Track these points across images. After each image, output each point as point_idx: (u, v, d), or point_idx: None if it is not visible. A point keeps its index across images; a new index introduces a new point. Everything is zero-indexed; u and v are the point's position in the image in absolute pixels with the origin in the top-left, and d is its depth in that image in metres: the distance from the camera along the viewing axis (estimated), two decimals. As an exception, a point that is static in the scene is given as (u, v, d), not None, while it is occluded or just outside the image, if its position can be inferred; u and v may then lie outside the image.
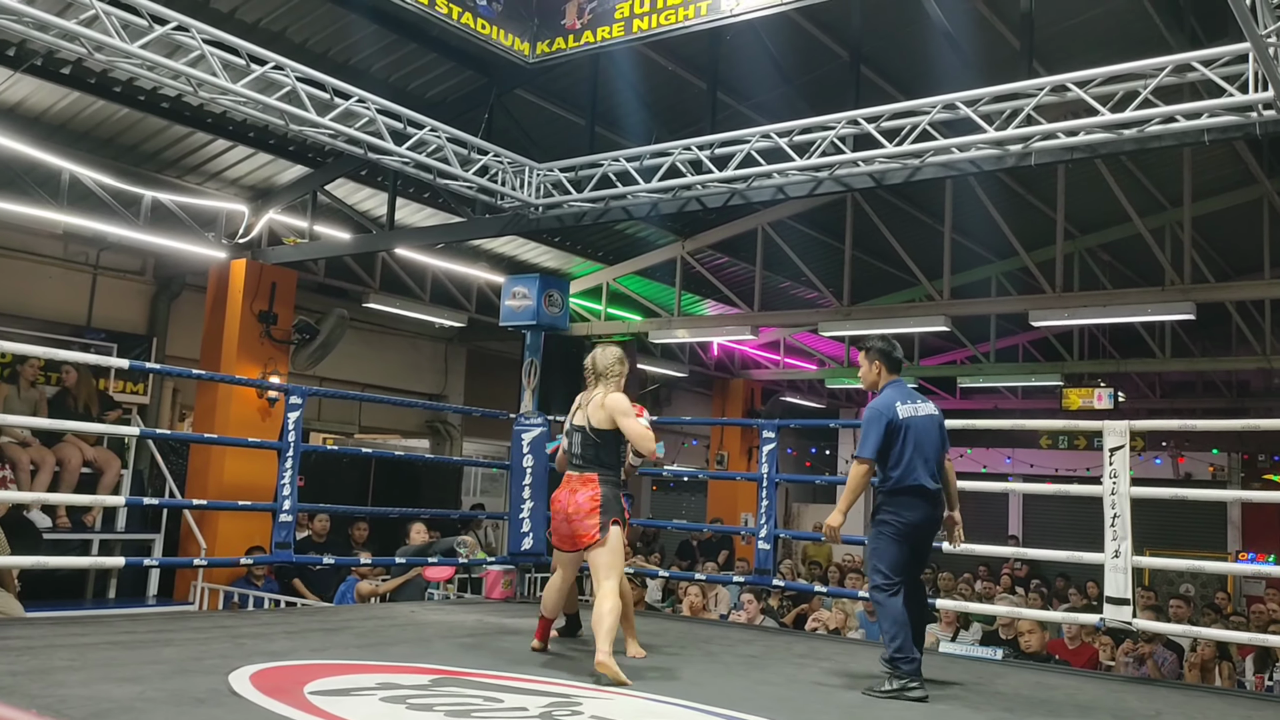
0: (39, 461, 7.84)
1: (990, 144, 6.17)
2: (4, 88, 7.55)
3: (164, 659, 4.01)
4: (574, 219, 8.22)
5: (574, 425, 4.71)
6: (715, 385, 16.50)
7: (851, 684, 4.44)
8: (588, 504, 4.49)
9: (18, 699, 3.15)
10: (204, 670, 3.78)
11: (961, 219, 10.94)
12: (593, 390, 4.75)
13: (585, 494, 4.51)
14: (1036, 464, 16.93)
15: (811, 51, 8.17)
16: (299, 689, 3.52)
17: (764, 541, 6.58)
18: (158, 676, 3.64)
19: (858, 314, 11.73)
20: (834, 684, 4.45)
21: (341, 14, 7.44)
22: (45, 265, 9.74)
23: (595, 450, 4.61)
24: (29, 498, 7.29)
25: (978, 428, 6.34)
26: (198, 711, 3.17)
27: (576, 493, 4.54)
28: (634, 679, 4.09)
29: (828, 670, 4.82)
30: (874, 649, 6.08)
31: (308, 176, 9.49)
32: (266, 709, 3.22)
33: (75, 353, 6.80)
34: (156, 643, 4.42)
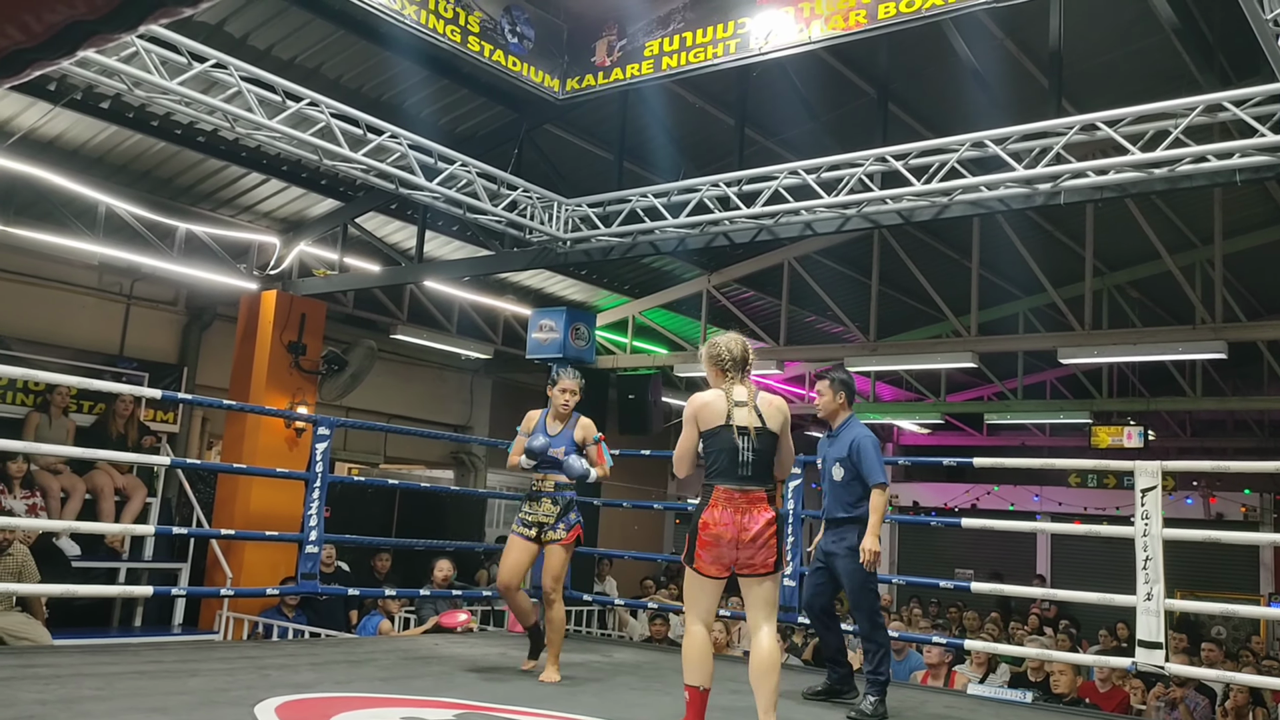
0: (70, 489, 7.92)
1: (1019, 182, 6.17)
2: (44, 121, 7.71)
3: (190, 689, 4.02)
4: (601, 253, 8.27)
5: (739, 426, 3.81)
6: (740, 419, 16.44)
7: (878, 726, 4.39)
8: (767, 529, 3.71)
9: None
10: (230, 701, 3.79)
11: (989, 255, 10.92)
12: (733, 384, 3.91)
13: (764, 517, 3.72)
14: (1065, 502, 16.72)
15: (839, 89, 8.21)
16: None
17: (789, 578, 6.53)
18: (184, 707, 3.65)
19: (884, 349, 11.69)
20: (861, 725, 4.39)
21: (375, 51, 7.57)
22: (80, 295, 9.88)
23: (766, 460, 3.85)
24: (58, 525, 7.36)
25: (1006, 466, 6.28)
26: (224, 744, 3.18)
27: (747, 513, 3.71)
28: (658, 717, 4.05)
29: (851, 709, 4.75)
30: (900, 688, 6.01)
31: (338, 210, 9.61)
32: (292, 742, 3.22)
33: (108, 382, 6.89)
34: (182, 673, 4.43)
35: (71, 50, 0.71)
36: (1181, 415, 16.11)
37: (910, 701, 5.18)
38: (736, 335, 4.03)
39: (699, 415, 3.87)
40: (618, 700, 4.55)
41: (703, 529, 3.71)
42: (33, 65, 0.71)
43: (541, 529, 4.98)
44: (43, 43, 0.67)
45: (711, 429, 3.83)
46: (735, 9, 6.90)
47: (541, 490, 5.01)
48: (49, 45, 0.68)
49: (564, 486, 5.00)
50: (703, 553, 3.72)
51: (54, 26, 0.65)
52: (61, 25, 0.65)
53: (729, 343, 3.96)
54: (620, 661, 5.99)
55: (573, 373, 5.10)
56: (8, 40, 0.67)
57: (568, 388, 5.02)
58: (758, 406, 3.86)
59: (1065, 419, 14.50)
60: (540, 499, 5.00)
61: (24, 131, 7.70)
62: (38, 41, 0.67)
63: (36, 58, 0.70)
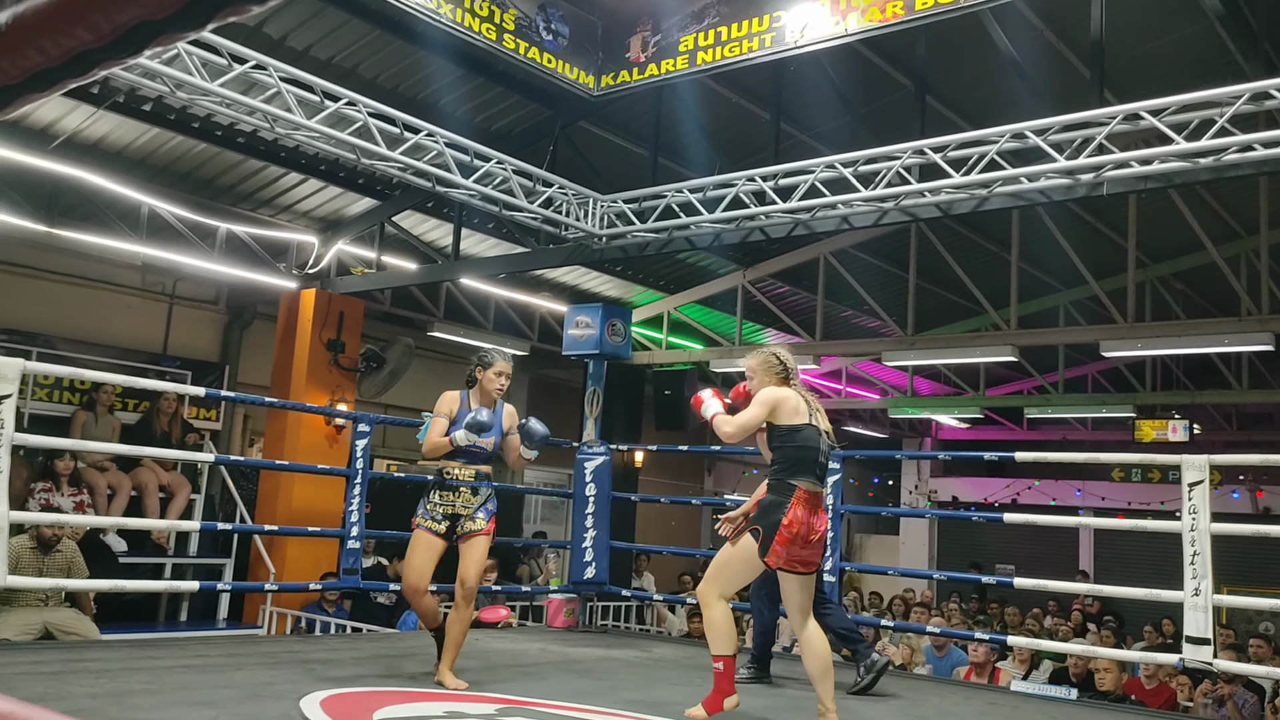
0: (116, 486, 8.06)
1: (1061, 173, 6.09)
2: (87, 124, 7.83)
3: (236, 683, 4.07)
4: (637, 249, 8.27)
5: (820, 428, 3.96)
6: (776, 414, 16.37)
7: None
8: (826, 531, 3.90)
9: None
10: (275, 695, 3.83)
11: (1029, 247, 10.79)
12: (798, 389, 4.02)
13: (826, 518, 3.90)
14: (1108, 497, 16.52)
15: (876, 82, 8.15)
16: (368, 716, 3.56)
17: (829, 574, 6.49)
18: (231, 701, 3.70)
19: (922, 343, 11.60)
20: (903, 722, 4.36)
21: (411, 50, 7.61)
22: (124, 295, 10.04)
23: (827, 462, 3.97)
24: (105, 522, 7.49)
25: (1049, 460, 6.21)
26: (271, 737, 3.22)
27: (815, 514, 3.83)
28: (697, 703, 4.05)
29: (896, 707, 4.73)
30: (943, 685, 5.97)
31: (376, 208, 9.69)
32: (337, 736, 3.26)
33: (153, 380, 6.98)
34: (228, 667, 4.49)
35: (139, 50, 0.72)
36: (1227, 408, 15.83)
37: (953, 698, 5.15)
38: (784, 347, 4.21)
39: (778, 405, 3.90)
40: (659, 695, 4.55)
41: (786, 528, 3.75)
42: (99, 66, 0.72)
43: (456, 521, 4.48)
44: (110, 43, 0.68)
45: (794, 425, 3.89)
46: (770, 2, 6.87)
47: (459, 479, 4.51)
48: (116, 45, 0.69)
49: (483, 476, 4.58)
50: (779, 549, 3.77)
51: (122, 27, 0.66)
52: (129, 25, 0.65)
53: (782, 352, 4.09)
54: (660, 656, 6.00)
55: (508, 355, 4.76)
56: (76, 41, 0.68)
57: (504, 371, 4.65)
58: (821, 413, 4.01)
59: (1108, 413, 14.30)
60: (457, 488, 4.50)
61: (68, 134, 7.83)
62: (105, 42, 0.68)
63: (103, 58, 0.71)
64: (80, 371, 5.86)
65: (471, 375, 4.71)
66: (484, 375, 4.65)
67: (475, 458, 4.55)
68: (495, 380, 4.65)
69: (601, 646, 6.21)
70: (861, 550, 18.25)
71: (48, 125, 7.77)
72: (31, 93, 0.75)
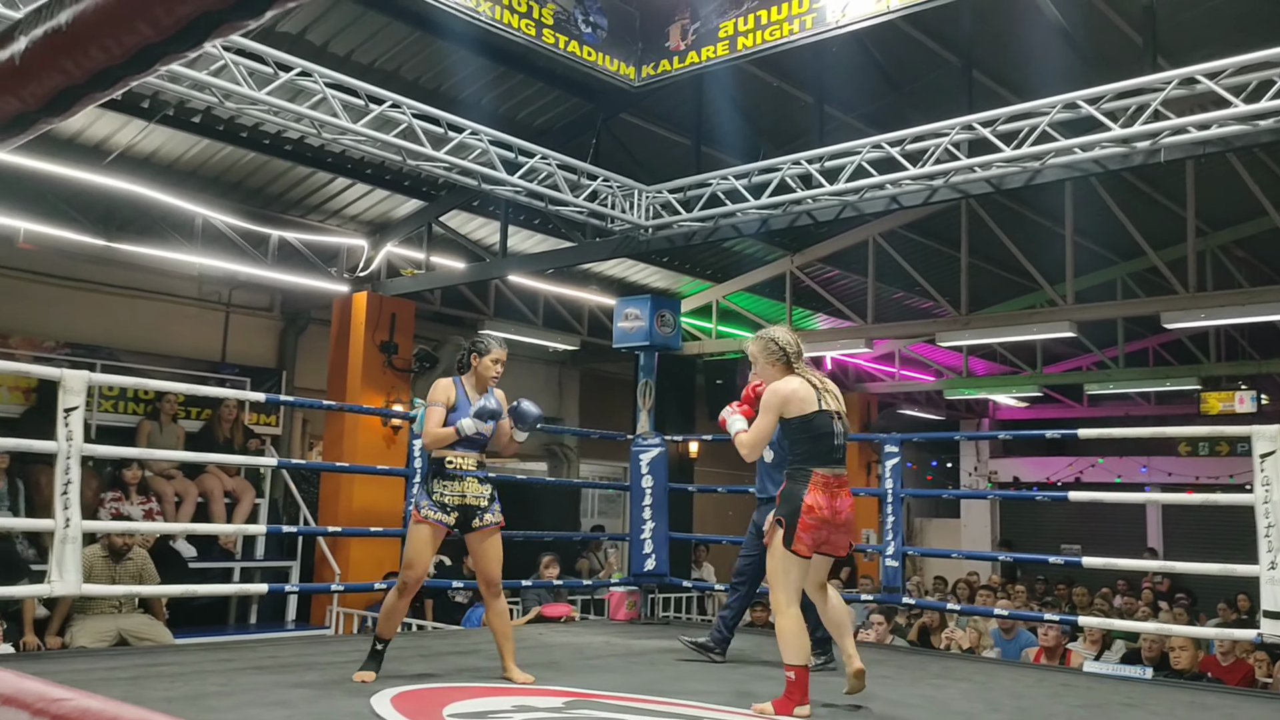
0: (183, 493, 8.22)
1: (1116, 142, 5.96)
2: (140, 139, 7.98)
3: (307, 683, 4.13)
4: (684, 239, 8.24)
5: (834, 411, 3.94)
6: (830, 400, 16.23)
7: (993, 706, 4.29)
8: (853, 513, 3.93)
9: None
10: (346, 693, 3.88)
11: (1084, 220, 10.56)
12: (805, 371, 4.00)
13: (850, 500, 3.91)
14: (1175, 472, 16.15)
15: (920, 59, 8.04)
16: (438, 712, 3.58)
17: (891, 558, 6.43)
18: (303, 700, 3.75)
19: (976, 323, 11.43)
20: (975, 706, 4.30)
21: (451, 50, 7.65)
22: (182, 305, 10.23)
23: (845, 443, 3.96)
24: (174, 528, 7.63)
25: (1114, 436, 6.08)
26: (344, 735, 3.25)
27: (838, 496, 3.84)
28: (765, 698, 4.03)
29: (966, 691, 4.67)
30: (1014, 668, 5.89)
31: (423, 209, 9.76)
32: (409, 732, 3.29)
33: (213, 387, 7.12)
34: (299, 667, 4.55)
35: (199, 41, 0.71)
36: (1296, 377, 15.41)
37: (1025, 680, 5.07)
38: (783, 327, 4.16)
39: (787, 404, 3.86)
40: (723, 684, 4.53)
41: (807, 513, 3.76)
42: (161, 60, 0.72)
43: (468, 513, 4.33)
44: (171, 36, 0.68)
45: (805, 415, 3.86)
46: (810, -17, 6.79)
47: (463, 468, 4.33)
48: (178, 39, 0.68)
49: (483, 464, 4.44)
50: (804, 535, 3.78)
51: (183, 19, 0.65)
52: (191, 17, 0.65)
53: (783, 335, 4.03)
54: (749, 649, 5.97)
55: (504, 342, 4.60)
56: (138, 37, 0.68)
57: (500, 358, 4.49)
58: (834, 393, 3.98)
59: (1171, 386, 13.98)
60: (463, 478, 4.32)
61: (121, 149, 7.98)
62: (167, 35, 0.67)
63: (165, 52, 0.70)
64: (143, 382, 5.98)
65: (466, 361, 4.51)
66: (480, 362, 4.47)
67: (474, 445, 4.39)
68: (492, 368, 4.47)
69: (665, 638, 6.20)
70: (922, 534, 18.05)
71: (101, 141, 7.93)
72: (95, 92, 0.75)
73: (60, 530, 4.50)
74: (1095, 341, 13.40)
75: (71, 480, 4.59)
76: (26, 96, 0.74)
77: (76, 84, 0.72)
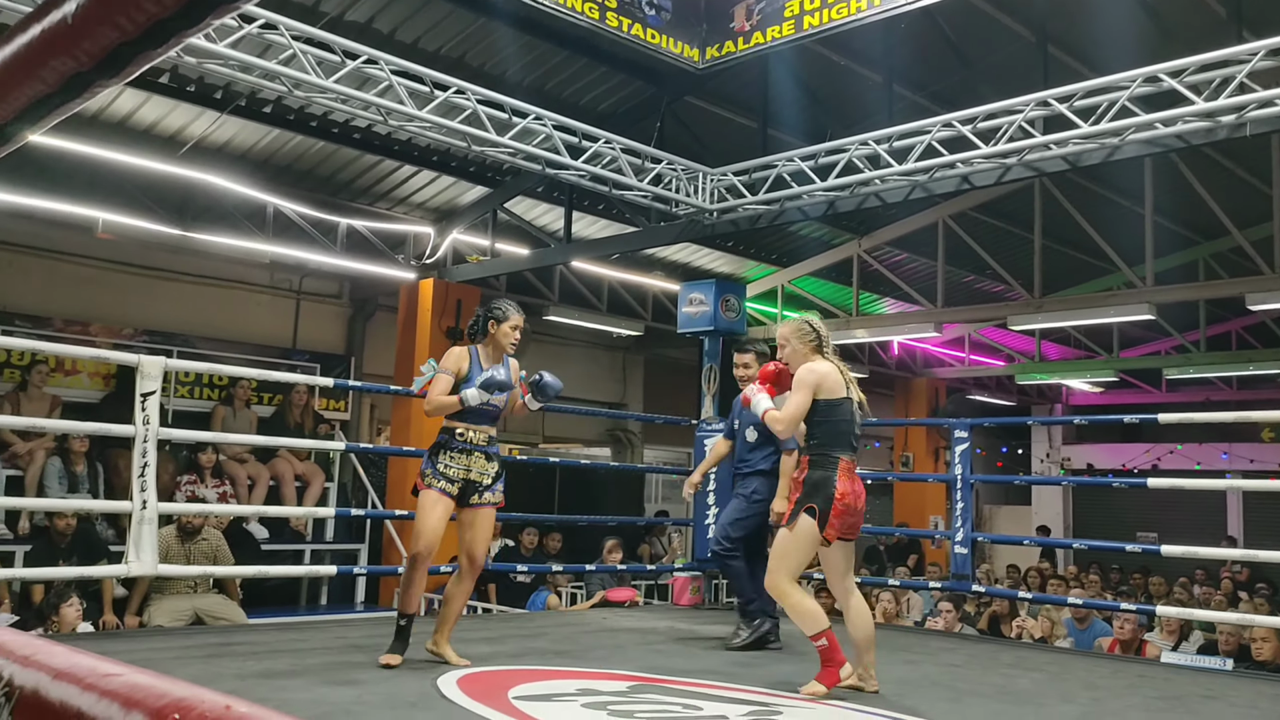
0: (255, 477, 8.39)
1: (1199, 116, 5.74)
2: (213, 129, 8.13)
3: (376, 663, 4.17)
4: (749, 222, 8.16)
5: (854, 399, 4.02)
6: (897, 385, 16.04)
7: (1066, 696, 4.18)
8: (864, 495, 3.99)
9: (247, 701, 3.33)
10: (413, 674, 3.91)
11: (1163, 199, 10.23)
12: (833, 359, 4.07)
13: (862, 485, 3.96)
14: (1257, 459, 15.64)
15: (993, 34, 7.84)
16: (503, 694, 3.60)
17: (960, 545, 6.31)
18: (372, 680, 3.79)
19: (1050, 305, 11.15)
20: (1048, 697, 4.19)
21: (516, 36, 7.66)
22: (255, 293, 10.43)
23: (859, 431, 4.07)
24: (247, 510, 7.80)
25: (1195, 421, 5.88)
26: (412, 714, 3.28)
27: (857, 482, 3.92)
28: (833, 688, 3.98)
29: (1040, 681, 4.56)
30: (1089, 658, 5.74)
31: (487, 196, 9.81)
32: (475, 713, 3.30)
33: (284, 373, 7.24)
34: (368, 647, 4.60)
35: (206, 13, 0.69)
36: (1388, 361, 14.78)
37: (1100, 671, 4.93)
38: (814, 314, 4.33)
39: (821, 384, 3.93)
40: (793, 669, 4.49)
41: (840, 499, 3.83)
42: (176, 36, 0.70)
43: (471, 488, 4.18)
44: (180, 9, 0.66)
45: (835, 399, 3.94)
46: (878, -41, 6.64)
47: (472, 442, 4.18)
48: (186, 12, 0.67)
49: (493, 439, 4.27)
50: (835, 521, 3.84)
51: None
52: None
53: (815, 320, 4.15)
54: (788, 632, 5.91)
55: (519, 307, 4.36)
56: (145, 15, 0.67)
57: (519, 325, 4.27)
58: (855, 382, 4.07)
59: (1255, 370, 13.51)
60: (471, 452, 4.17)
61: (195, 140, 8.14)
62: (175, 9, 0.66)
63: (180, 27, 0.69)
64: (217, 367, 6.11)
65: (482, 328, 4.28)
66: (499, 329, 4.25)
67: (484, 417, 4.20)
68: (510, 335, 4.26)
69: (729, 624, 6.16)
70: (991, 522, 17.73)
71: (176, 132, 8.09)
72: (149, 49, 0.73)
73: (137, 512, 4.61)
74: (1175, 324, 12.99)
75: (148, 463, 4.70)
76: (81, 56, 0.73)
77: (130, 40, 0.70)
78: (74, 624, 5.65)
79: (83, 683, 0.70)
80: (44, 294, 8.97)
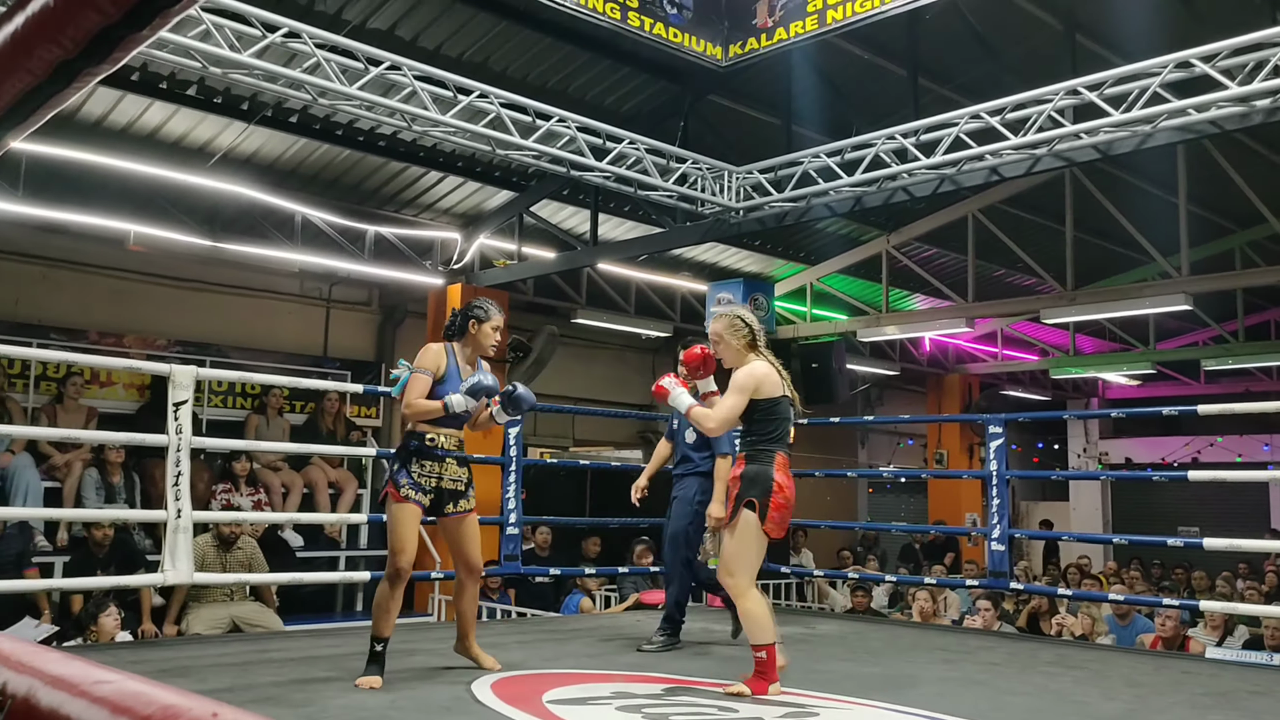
0: (289, 484, 8.44)
1: (1234, 101, 5.63)
2: (240, 140, 8.19)
3: (410, 668, 4.17)
4: (775, 220, 8.11)
5: (789, 396, 4.09)
6: (929, 382, 15.90)
7: (1109, 694, 4.11)
8: None
9: (282, 708, 3.34)
10: (448, 679, 3.91)
11: (1198, 187, 10.06)
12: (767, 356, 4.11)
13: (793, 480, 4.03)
14: (1299, 451, 15.37)
15: (1019, 24, 7.75)
16: (538, 698, 3.58)
17: (997, 542, 6.23)
18: (406, 685, 3.79)
19: (1084, 298, 11.00)
20: (1091, 695, 4.12)
21: (537, 39, 7.66)
22: (285, 302, 10.50)
23: None
24: (282, 518, 7.85)
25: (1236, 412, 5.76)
26: (445, 719, 3.27)
27: (790, 477, 3.99)
28: (871, 688, 3.93)
29: (1081, 679, 4.48)
30: (1131, 654, 5.64)
31: (513, 200, 9.82)
32: (510, 717, 3.28)
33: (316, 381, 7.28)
34: (402, 653, 4.60)
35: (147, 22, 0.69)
36: None
37: (1143, 667, 4.84)
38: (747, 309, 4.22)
39: (761, 386, 3.96)
40: (828, 672, 4.44)
41: (778, 492, 3.87)
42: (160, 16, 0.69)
43: (443, 496, 4.00)
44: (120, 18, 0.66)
45: (774, 398, 3.98)
46: (901, -49, 6.58)
47: (443, 448, 3.98)
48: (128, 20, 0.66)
49: (463, 444, 4.09)
50: (775, 515, 3.88)
51: None
52: None
53: (747, 315, 4.12)
54: (825, 633, 5.88)
55: (500, 308, 4.19)
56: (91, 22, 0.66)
57: (499, 325, 4.10)
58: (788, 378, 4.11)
59: (1297, 359, 13.28)
60: (443, 459, 3.98)
61: (224, 151, 8.21)
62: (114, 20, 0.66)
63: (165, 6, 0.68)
64: (249, 376, 6.15)
65: (461, 327, 4.09)
66: (480, 329, 4.05)
67: (456, 423, 4.03)
68: (491, 335, 4.08)
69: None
70: (1028, 518, 17.52)
71: (205, 144, 8.16)
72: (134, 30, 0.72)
73: (172, 520, 4.64)
74: (1213, 315, 12.80)
75: (182, 472, 4.73)
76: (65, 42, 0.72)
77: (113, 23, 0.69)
78: (112, 633, 5.70)
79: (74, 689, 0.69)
80: (79, 307, 9.08)
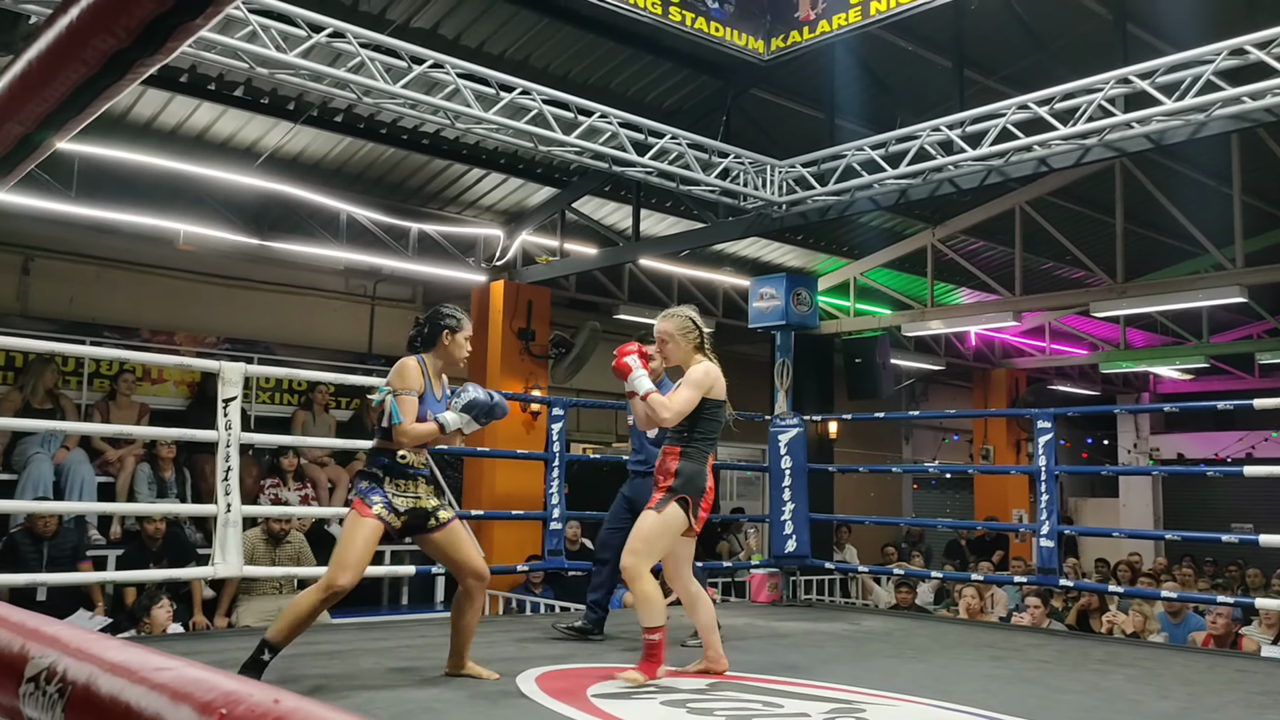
0: (335, 479, 8.53)
1: (1291, 87, 5.49)
2: (286, 140, 8.30)
3: (455, 662, 4.19)
4: (818, 214, 8.05)
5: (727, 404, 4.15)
6: (975, 377, 15.71)
7: (1163, 693, 4.03)
8: None
9: (330, 697, 3.38)
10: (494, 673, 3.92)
11: (1252, 177, 9.84)
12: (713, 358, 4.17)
13: None
14: (1359, 446, 15.00)
15: (1067, 13, 7.61)
16: (582, 691, 3.59)
17: (1046, 539, 6.14)
18: (453, 680, 3.81)
19: (1134, 291, 10.81)
20: (1144, 693, 4.05)
21: (579, 35, 7.67)
22: (330, 300, 10.63)
23: None
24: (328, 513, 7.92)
25: (1293, 407, 5.63)
26: (492, 712, 3.29)
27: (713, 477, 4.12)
28: (918, 685, 3.89)
29: (1132, 677, 4.40)
30: (1184, 653, 5.54)
31: (555, 197, 9.85)
32: (555, 710, 3.30)
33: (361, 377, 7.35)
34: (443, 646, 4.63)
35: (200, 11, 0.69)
36: None
37: (1196, 666, 4.75)
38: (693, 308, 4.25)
39: (715, 386, 4.06)
40: (873, 668, 4.41)
41: (707, 495, 4.02)
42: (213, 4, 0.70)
43: (421, 515, 3.89)
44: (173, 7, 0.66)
45: (719, 401, 4.09)
46: (946, -60, 6.50)
47: (416, 466, 3.86)
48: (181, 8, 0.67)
49: (430, 460, 4.02)
50: (704, 515, 4.02)
51: None
52: None
53: (697, 316, 4.18)
54: (870, 630, 5.84)
55: (468, 314, 4.05)
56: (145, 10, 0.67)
57: (471, 335, 4.03)
58: None
59: (1355, 353, 12.95)
60: (415, 478, 3.85)
61: (270, 151, 8.32)
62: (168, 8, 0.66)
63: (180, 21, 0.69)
64: (296, 372, 6.23)
65: (429, 337, 3.91)
66: (454, 340, 3.92)
67: None
68: (465, 346, 3.98)
69: (808, 620, 6.10)
70: (1077, 514, 17.27)
71: (252, 144, 8.28)
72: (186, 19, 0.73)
73: (221, 515, 4.71)
74: (1268, 307, 12.51)
75: (231, 467, 4.80)
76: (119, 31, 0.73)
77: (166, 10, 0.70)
78: (165, 625, 5.81)
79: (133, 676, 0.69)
80: (131, 305, 9.26)
